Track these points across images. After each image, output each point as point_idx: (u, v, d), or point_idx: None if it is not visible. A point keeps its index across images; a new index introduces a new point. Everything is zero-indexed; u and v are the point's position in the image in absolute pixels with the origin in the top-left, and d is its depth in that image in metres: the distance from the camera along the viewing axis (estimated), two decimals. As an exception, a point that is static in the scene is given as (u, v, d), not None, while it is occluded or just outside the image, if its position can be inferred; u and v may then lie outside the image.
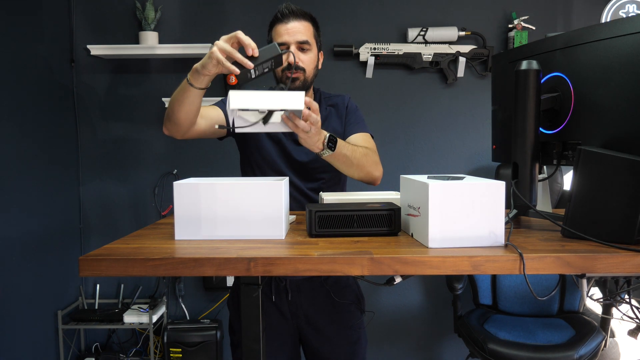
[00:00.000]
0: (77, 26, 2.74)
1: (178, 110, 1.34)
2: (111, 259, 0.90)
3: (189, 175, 1.35)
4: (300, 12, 1.48)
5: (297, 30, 1.46)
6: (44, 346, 2.50)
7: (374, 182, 1.48)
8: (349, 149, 1.37)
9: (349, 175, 1.47)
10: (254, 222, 1.04)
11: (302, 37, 1.46)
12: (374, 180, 1.48)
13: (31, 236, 2.39)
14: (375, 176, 1.47)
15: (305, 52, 1.47)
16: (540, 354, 1.99)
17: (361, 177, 1.45)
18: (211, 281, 2.74)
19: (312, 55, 1.50)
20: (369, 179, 1.47)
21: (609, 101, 1.01)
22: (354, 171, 1.42)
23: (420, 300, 2.85)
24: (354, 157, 1.38)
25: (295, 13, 1.47)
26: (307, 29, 1.48)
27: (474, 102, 2.75)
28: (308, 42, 1.47)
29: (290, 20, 1.46)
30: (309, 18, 1.50)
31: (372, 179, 1.47)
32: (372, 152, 1.48)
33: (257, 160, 1.54)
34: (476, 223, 0.96)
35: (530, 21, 2.66)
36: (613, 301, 1.12)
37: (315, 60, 1.52)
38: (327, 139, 1.28)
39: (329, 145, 1.28)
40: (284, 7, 1.46)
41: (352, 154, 1.37)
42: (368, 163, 1.43)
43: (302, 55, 1.47)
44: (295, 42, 1.45)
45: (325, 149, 1.28)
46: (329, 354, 1.51)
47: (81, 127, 2.78)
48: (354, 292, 1.55)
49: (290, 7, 1.46)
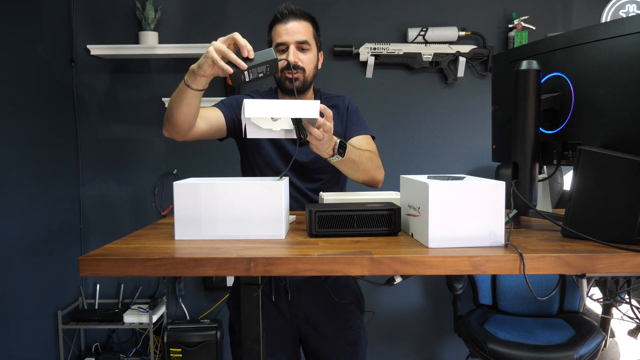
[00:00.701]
0: (77, 26, 2.74)
1: (177, 112, 1.33)
2: (111, 259, 0.90)
3: (189, 175, 1.35)
4: (300, 12, 1.48)
5: (296, 30, 1.46)
6: (44, 346, 2.50)
7: (376, 185, 1.50)
8: (357, 154, 1.37)
9: (352, 179, 1.47)
10: (254, 222, 1.04)
11: (302, 37, 1.46)
12: (376, 184, 1.49)
13: (31, 236, 2.39)
14: (378, 180, 1.48)
15: (304, 52, 1.48)
16: (540, 354, 1.98)
17: (365, 180, 1.46)
18: (211, 281, 2.74)
19: (312, 55, 1.50)
20: (372, 183, 1.48)
21: (609, 101, 1.01)
22: (359, 175, 1.43)
23: (420, 300, 2.85)
24: (360, 162, 1.39)
25: (295, 13, 1.47)
26: (306, 29, 1.48)
27: (474, 102, 2.75)
28: (307, 42, 1.47)
29: (289, 21, 1.46)
30: (308, 18, 1.50)
31: (375, 183, 1.48)
32: (376, 156, 1.49)
33: (257, 160, 1.54)
34: (476, 223, 0.96)
35: (530, 21, 2.66)
36: (613, 301, 1.12)
37: (314, 60, 1.52)
38: (338, 145, 1.28)
39: (339, 151, 1.28)
40: (284, 7, 1.47)
41: (360, 159, 1.38)
42: (373, 167, 1.44)
43: (301, 55, 1.47)
44: (294, 42, 1.46)
45: (335, 154, 1.28)
46: (329, 353, 1.51)
47: (81, 127, 2.78)
48: (353, 292, 1.55)
49: (289, 7, 1.47)
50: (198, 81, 1.24)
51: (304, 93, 1.53)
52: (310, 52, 1.49)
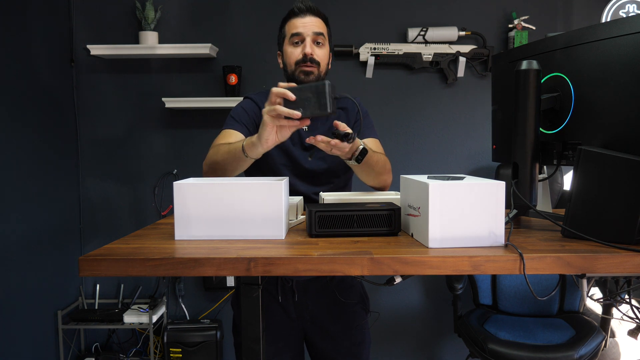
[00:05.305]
0: (77, 26, 2.74)
1: (229, 172, 1.35)
2: (111, 259, 0.90)
3: (189, 175, 1.35)
4: (316, 9, 1.50)
5: (313, 23, 1.47)
6: (44, 346, 2.50)
7: (385, 189, 1.50)
8: (374, 158, 1.37)
9: (364, 181, 1.47)
10: (254, 222, 1.04)
11: (318, 29, 1.47)
12: (385, 187, 1.50)
13: (31, 236, 2.39)
14: (388, 183, 1.49)
15: (320, 47, 1.48)
16: (540, 354, 1.98)
17: (375, 184, 1.47)
18: (211, 281, 2.74)
19: (326, 51, 1.50)
20: (382, 186, 1.49)
21: (609, 101, 1.01)
22: (371, 179, 1.44)
23: (420, 300, 2.85)
24: (376, 166, 1.39)
25: (312, 9, 1.48)
26: (322, 25, 1.50)
27: (474, 102, 2.75)
28: (323, 34, 1.48)
29: (307, 15, 1.47)
30: (323, 17, 1.52)
31: (385, 186, 1.49)
32: (388, 161, 1.49)
33: (261, 166, 1.52)
34: (476, 223, 0.96)
35: (530, 21, 2.66)
36: (613, 301, 1.12)
37: (328, 56, 1.52)
38: (359, 152, 1.28)
39: (358, 157, 1.28)
40: (301, 2, 1.48)
41: (376, 164, 1.39)
42: (385, 171, 1.45)
43: (317, 49, 1.47)
44: (311, 33, 1.46)
45: (353, 158, 1.28)
46: (334, 354, 1.52)
47: (81, 127, 2.78)
48: (358, 292, 1.55)
49: (307, 4, 1.48)
50: (259, 152, 1.24)
51: None
52: (325, 47, 1.50)
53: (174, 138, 2.80)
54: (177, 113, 2.78)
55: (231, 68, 2.63)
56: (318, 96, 1.09)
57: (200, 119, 2.77)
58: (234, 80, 2.64)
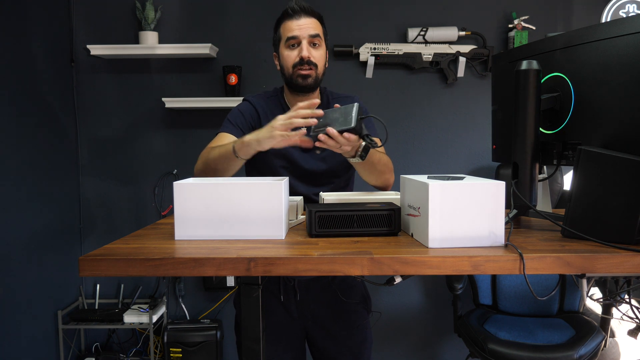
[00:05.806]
0: (77, 26, 2.74)
1: (220, 173, 1.35)
2: (111, 259, 0.90)
3: (189, 175, 1.35)
4: (310, 9, 1.48)
5: (308, 25, 1.45)
6: (44, 346, 2.50)
7: (387, 188, 1.49)
8: (377, 157, 1.37)
9: (366, 180, 1.46)
10: (254, 222, 1.04)
11: (314, 31, 1.46)
12: (388, 187, 1.49)
13: (31, 236, 2.39)
14: (390, 182, 1.49)
15: (316, 48, 1.47)
16: (540, 354, 1.98)
17: (378, 183, 1.46)
18: (211, 281, 2.74)
19: (322, 52, 1.50)
20: (384, 185, 1.48)
21: (609, 101, 1.01)
22: (374, 177, 1.43)
23: (420, 300, 2.85)
24: (379, 164, 1.39)
25: (306, 10, 1.47)
26: (317, 25, 1.48)
27: (474, 102, 2.75)
28: (319, 35, 1.47)
29: (301, 16, 1.46)
30: (317, 16, 1.50)
31: (387, 185, 1.48)
32: (390, 161, 1.49)
33: (260, 169, 1.52)
34: (476, 223, 0.96)
35: (530, 21, 2.66)
36: (613, 301, 1.12)
37: (325, 57, 1.52)
38: (362, 149, 1.27)
39: (361, 154, 1.27)
40: (295, 3, 1.46)
41: (379, 162, 1.39)
42: (387, 170, 1.45)
43: (313, 51, 1.46)
44: (307, 35, 1.44)
45: (356, 156, 1.28)
46: (336, 353, 1.52)
47: (81, 127, 2.78)
48: (360, 291, 1.55)
49: (300, 4, 1.46)
50: (251, 154, 1.26)
51: (313, 91, 1.51)
52: (321, 48, 1.49)
53: (174, 138, 2.79)
54: (177, 113, 2.78)
55: (231, 68, 2.63)
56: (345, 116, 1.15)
57: (200, 119, 2.77)
58: (234, 81, 2.64)
